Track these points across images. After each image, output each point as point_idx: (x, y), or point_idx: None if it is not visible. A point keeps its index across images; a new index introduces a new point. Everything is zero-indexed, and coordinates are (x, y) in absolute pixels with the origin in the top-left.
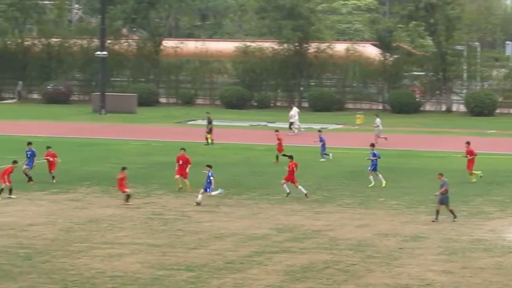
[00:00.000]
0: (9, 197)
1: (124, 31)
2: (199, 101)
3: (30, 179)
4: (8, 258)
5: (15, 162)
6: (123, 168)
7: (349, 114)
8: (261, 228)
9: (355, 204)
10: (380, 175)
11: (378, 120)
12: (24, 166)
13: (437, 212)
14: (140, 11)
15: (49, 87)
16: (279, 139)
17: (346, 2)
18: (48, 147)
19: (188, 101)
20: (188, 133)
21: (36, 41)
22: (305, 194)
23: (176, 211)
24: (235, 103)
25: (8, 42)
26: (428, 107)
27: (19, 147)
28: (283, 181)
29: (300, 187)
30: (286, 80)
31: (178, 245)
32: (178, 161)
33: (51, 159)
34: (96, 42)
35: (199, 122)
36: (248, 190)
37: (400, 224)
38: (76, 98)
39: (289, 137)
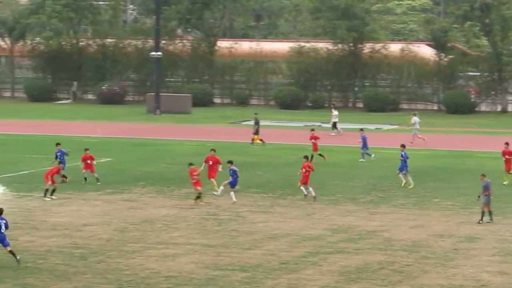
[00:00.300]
0: (51, 198)
1: (179, 31)
2: (254, 101)
3: (64, 177)
4: (63, 258)
5: (60, 162)
6: (190, 164)
7: (404, 114)
8: (316, 228)
9: (409, 204)
10: (409, 177)
11: (415, 118)
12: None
13: (483, 213)
14: (195, 12)
15: (104, 87)
16: (315, 138)
17: (401, 2)
18: (86, 149)
19: (242, 102)
20: (242, 134)
21: (91, 42)
22: (305, 195)
23: (230, 211)
24: (289, 103)
25: (63, 43)
26: (483, 107)
27: (72, 148)
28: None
29: (302, 188)
30: (341, 81)
31: (232, 245)
32: (208, 162)
33: (88, 161)
34: (150, 42)
35: (253, 122)
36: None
37: (455, 225)
38: (131, 99)
39: (331, 137)
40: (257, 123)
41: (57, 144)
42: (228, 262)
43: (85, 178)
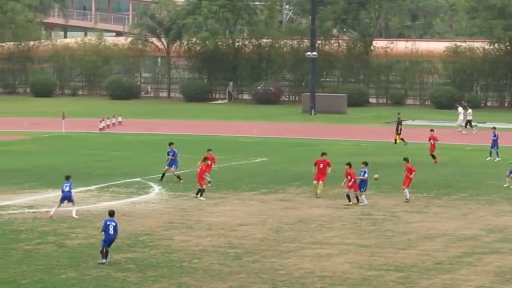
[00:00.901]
0: (198, 198)
1: (334, 31)
2: (409, 101)
3: (179, 178)
4: (218, 258)
5: (205, 159)
6: (348, 164)
7: None
8: (471, 228)
9: None
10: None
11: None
12: (167, 167)
13: None
14: (350, 12)
15: (259, 87)
16: (434, 139)
17: None
18: (209, 150)
19: (397, 102)
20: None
21: (246, 42)
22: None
23: (385, 211)
24: (445, 103)
25: (219, 43)
26: None
27: (227, 147)
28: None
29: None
30: (497, 80)
31: (387, 245)
32: (318, 165)
33: (208, 162)
34: (306, 42)
35: (409, 122)
36: (457, 190)
37: None
38: (286, 99)
39: (465, 136)
40: (400, 123)
41: (170, 143)
42: (382, 262)
43: (209, 181)
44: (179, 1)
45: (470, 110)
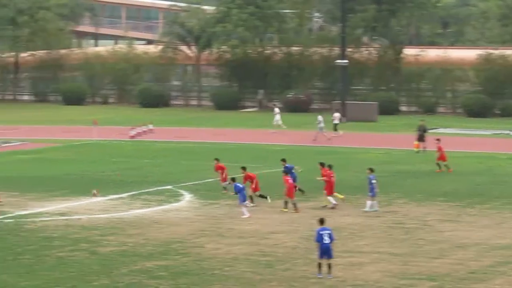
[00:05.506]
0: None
1: (365, 39)
2: (441, 109)
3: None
4: (249, 266)
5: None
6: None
7: None
8: (505, 238)
9: None
10: None
11: None
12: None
13: None
14: (381, 19)
15: (289, 95)
16: (439, 149)
17: None
18: (216, 159)
19: (429, 110)
20: (428, 142)
21: (276, 50)
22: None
23: (417, 220)
24: (477, 111)
25: (249, 51)
26: None
27: (258, 155)
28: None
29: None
30: None
31: (419, 254)
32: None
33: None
34: (336, 50)
35: (441, 130)
36: (490, 199)
37: None
38: (317, 107)
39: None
40: (424, 130)
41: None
42: (415, 271)
43: (224, 188)
44: (209, 9)
45: None
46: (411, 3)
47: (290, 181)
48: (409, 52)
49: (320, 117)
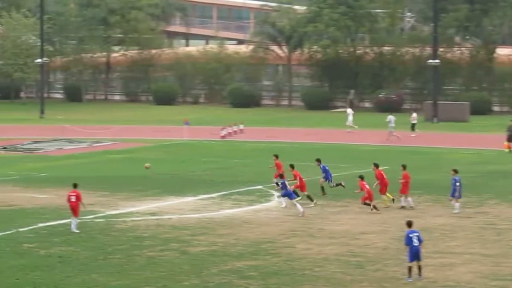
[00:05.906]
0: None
1: (457, 39)
2: None
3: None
4: (339, 266)
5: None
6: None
7: None
8: None
9: None
10: None
11: None
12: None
13: None
14: (473, 19)
15: (381, 95)
16: None
17: None
18: (275, 155)
19: None
20: None
21: (368, 50)
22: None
23: (509, 221)
24: None
25: (340, 51)
26: None
27: (348, 155)
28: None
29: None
30: None
31: (511, 255)
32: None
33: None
34: (428, 50)
35: None
36: None
37: None
38: (408, 107)
39: None
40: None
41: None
42: (508, 272)
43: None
44: (300, 9)
45: None
46: (504, 2)
47: (367, 186)
48: (502, 51)
49: (390, 117)
